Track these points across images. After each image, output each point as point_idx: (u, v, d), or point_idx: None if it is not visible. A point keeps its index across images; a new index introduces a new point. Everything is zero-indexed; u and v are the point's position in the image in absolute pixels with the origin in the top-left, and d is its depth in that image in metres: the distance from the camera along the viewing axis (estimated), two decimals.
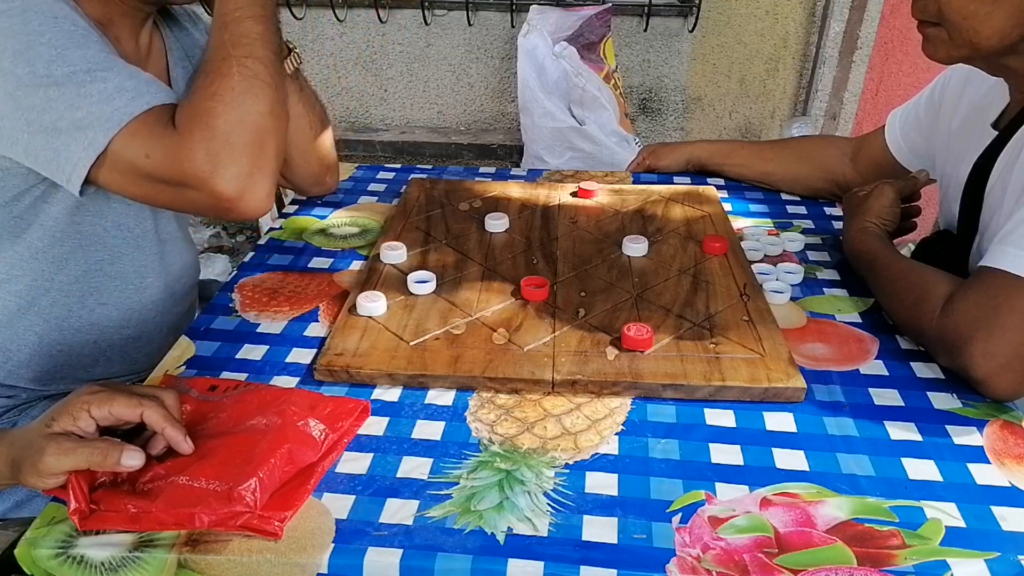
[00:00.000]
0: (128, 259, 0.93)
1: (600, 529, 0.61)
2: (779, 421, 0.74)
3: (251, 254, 1.05)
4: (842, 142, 1.23)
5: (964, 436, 0.72)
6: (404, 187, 1.23)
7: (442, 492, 0.65)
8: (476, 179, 1.28)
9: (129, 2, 0.86)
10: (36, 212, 0.83)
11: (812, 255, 1.05)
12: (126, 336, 0.97)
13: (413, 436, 0.72)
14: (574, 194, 1.18)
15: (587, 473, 0.67)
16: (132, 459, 0.61)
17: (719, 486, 0.66)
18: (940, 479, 0.67)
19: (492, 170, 1.35)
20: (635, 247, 1.00)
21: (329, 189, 1.20)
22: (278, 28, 0.83)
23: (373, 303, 0.86)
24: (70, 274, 0.89)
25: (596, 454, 0.69)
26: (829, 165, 1.20)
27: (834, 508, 0.64)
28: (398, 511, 0.63)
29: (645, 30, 2.34)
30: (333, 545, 0.60)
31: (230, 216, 0.78)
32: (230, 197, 0.75)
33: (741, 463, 0.68)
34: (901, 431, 0.72)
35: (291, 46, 1.05)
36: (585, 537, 0.61)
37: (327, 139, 1.12)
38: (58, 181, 0.75)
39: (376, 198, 1.23)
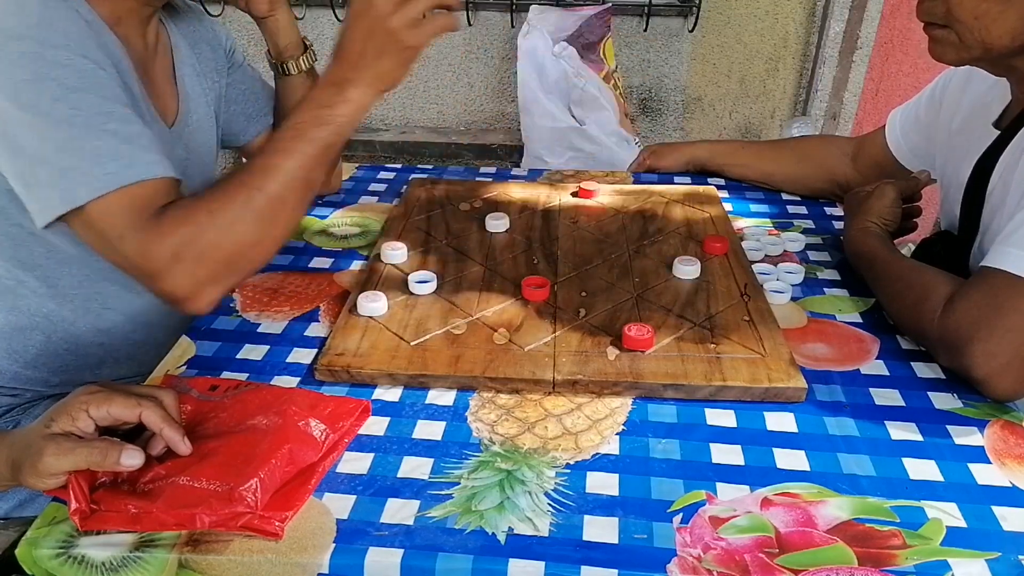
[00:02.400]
0: None
1: (601, 529, 0.61)
2: (780, 421, 0.74)
3: None
4: (842, 142, 1.23)
5: (965, 436, 0.72)
6: (404, 187, 1.23)
7: (443, 492, 0.65)
8: (476, 179, 1.28)
9: None
10: (31, 221, 0.83)
11: (813, 255, 1.05)
12: (133, 338, 0.97)
13: (414, 436, 0.72)
14: (574, 194, 1.18)
15: (588, 473, 0.67)
16: (131, 459, 0.61)
17: (720, 486, 0.66)
18: (941, 479, 0.67)
19: (492, 170, 1.35)
20: (687, 269, 0.94)
21: (333, 189, 1.22)
22: (324, 162, 0.78)
23: (374, 303, 0.86)
24: (71, 279, 0.89)
25: (597, 454, 0.69)
26: (830, 165, 1.20)
27: (835, 508, 0.63)
28: (399, 511, 0.63)
29: (645, 30, 2.34)
30: (334, 545, 0.60)
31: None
32: (176, 299, 0.75)
33: (742, 463, 0.68)
34: (902, 431, 0.72)
35: (307, 43, 1.05)
36: (586, 537, 0.61)
37: None
38: (25, 204, 0.74)
39: (376, 198, 1.23)
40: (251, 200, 0.74)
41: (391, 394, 0.77)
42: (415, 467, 0.68)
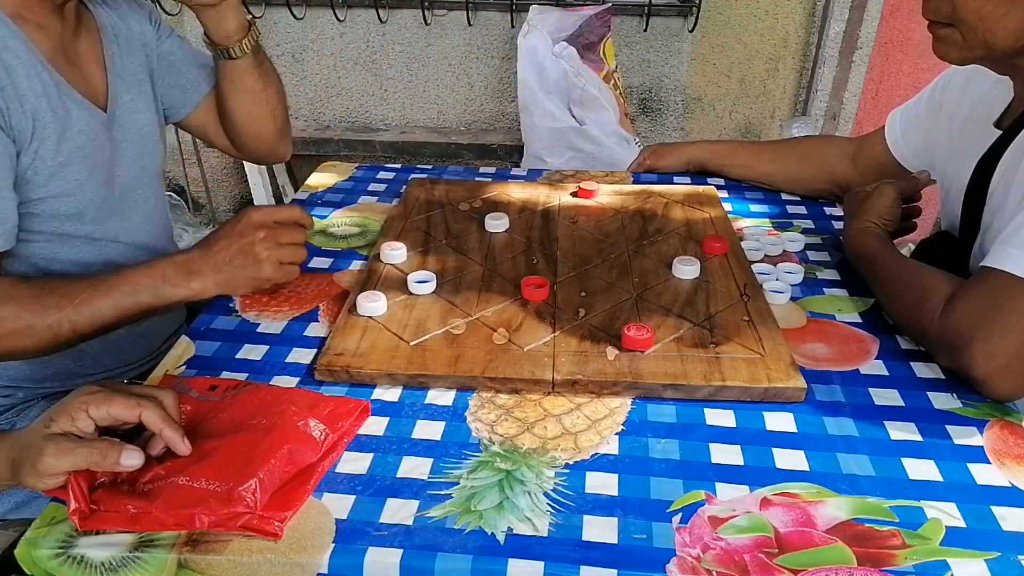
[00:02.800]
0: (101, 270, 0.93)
1: (600, 529, 0.61)
2: (779, 421, 0.74)
3: None
4: (842, 142, 1.23)
5: (964, 436, 0.72)
6: (404, 187, 1.23)
7: (442, 492, 0.65)
8: (476, 179, 1.28)
9: None
10: None
11: (812, 255, 1.05)
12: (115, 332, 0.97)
13: (413, 436, 0.72)
14: (574, 194, 1.18)
15: (587, 473, 0.67)
16: (131, 459, 0.61)
17: (719, 486, 0.66)
18: (940, 479, 0.67)
19: (492, 170, 1.35)
20: (687, 269, 0.94)
21: (283, 157, 1.19)
22: (137, 320, 0.84)
23: (373, 303, 0.86)
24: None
25: (596, 454, 0.69)
26: (830, 165, 1.20)
27: (834, 508, 0.63)
28: (398, 511, 0.63)
29: (645, 30, 2.34)
30: (333, 545, 0.60)
31: None
32: None
33: (741, 463, 0.68)
34: (901, 431, 0.72)
35: (250, 19, 1.01)
36: (585, 537, 0.61)
37: (282, 110, 1.12)
38: None
39: (376, 198, 1.23)
40: (59, 327, 0.79)
41: (390, 394, 0.77)
42: (414, 467, 0.68)
